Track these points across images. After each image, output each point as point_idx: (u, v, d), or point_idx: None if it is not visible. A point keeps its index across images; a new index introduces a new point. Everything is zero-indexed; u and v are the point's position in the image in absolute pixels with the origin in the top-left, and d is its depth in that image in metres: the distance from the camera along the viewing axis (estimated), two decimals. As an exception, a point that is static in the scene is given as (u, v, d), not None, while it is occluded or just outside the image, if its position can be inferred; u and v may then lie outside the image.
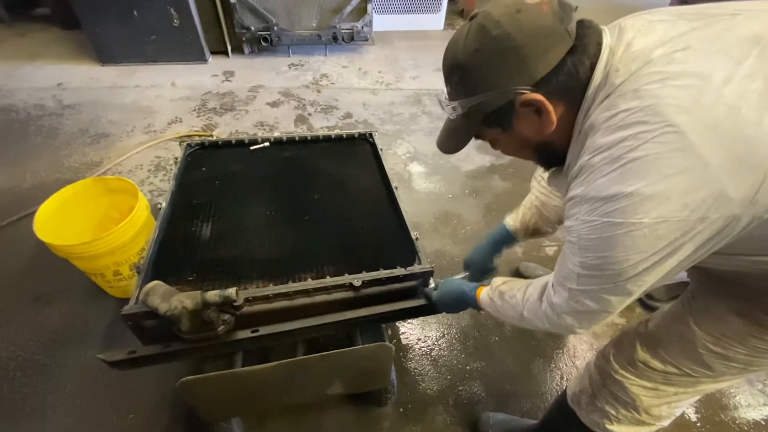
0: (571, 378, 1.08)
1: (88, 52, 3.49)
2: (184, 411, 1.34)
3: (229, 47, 3.62)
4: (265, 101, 3.09)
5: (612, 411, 0.91)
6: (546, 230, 1.16)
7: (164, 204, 1.28)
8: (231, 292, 0.90)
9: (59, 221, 1.53)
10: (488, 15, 0.61)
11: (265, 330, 1.02)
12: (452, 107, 0.69)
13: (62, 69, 3.39)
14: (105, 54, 3.40)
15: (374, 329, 1.23)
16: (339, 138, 1.69)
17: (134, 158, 2.47)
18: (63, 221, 1.55)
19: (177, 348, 0.99)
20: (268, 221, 1.29)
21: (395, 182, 1.42)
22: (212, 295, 0.90)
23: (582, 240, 0.59)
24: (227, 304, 0.92)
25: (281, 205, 1.34)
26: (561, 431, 1.12)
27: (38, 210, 1.45)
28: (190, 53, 3.47)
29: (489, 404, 1.43)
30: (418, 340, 1.61)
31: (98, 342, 1.55)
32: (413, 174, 2.46)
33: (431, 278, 1.16)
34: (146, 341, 1.04)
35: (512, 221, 1.19)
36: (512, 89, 0.61)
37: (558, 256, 0.71)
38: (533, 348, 1.60)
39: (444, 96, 0.72)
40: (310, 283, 1.07)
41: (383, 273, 1.11)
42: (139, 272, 1.07)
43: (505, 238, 1.20)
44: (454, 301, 1.04)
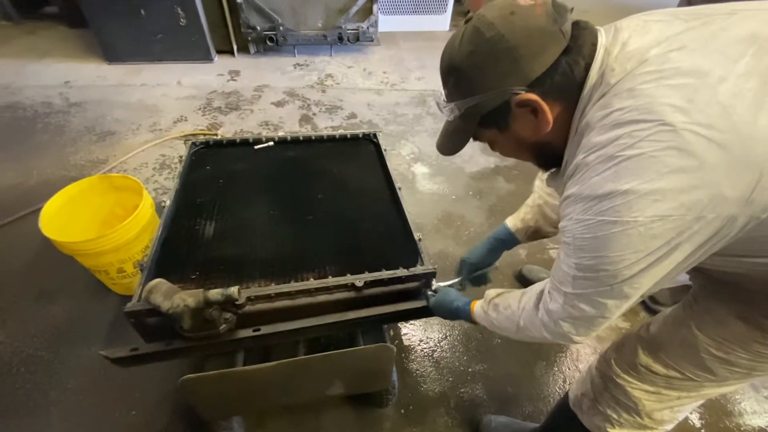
0: (573, 381, 1.07)
1: (96, 51, 3.51)
2: (186, 409, 1.34)
3: (235, 47, 3.64)
4: (270, 101, 3.10)
5: (614, 415, 0.90)
6: (548, 231, 1.15)
7: (168, 202, 1.28)
8: (233, 291, 0.90)
9: (65, 218, 1.54)
10: (482, 17, 0.61)
11: (267, 329, 1.02)
12: (449, 109, 0.69)
13: (69, 67, 3.42)
14: (112, 52, 3.43)
15: (376, 330, 1.22)
16: (343, 138, 1.69)
17: (139, 156, 2.49)
18: (68, 218, 1.56)
19: (179, 346, 0.99)
20: (271, 220, 1.29)
21: (399, 183, 1.41)
22: (214, 294, 0.90)
23: (577, 240, 0.59)
24: (229, 303, 0.92)
25: (284, 205, 1.35)
26: (563, 435, 1.11)
27: (44, 207, 1.46)
28: (196, 52, 3.49)
29: (491, 407, 1.42)
30: (420, 342, 1.61)
31: (101, 339, 1.56)
32: (417, 175, 2.46)
33: (434, 280, 1.16)
34: (148, 339, 1.04)
35: (513, 221, 1.18)
36: (507, 90, 0.61)
37: None
38: (536, 351, 1.59)
39: (442, 98, 0.72)
40: (312, 283, 1.07)
41: (385, 273, 1.10)
42: (143, 270, 1.07)
43: (506, 239, 1.19)
44: (448, 313, 1.04)
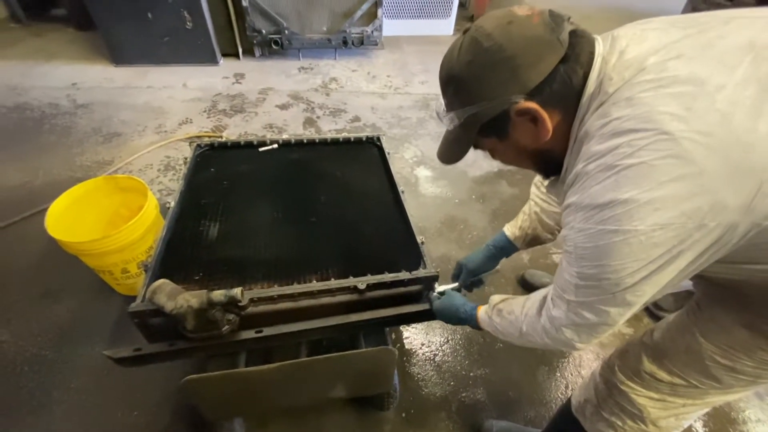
0: (576, 387, 1.07)
1: (103, 53, 3.55)
2: (188, 409, 1.35)
3: (240, 50, 3.66)
4: (275, 104, 3.11)
5: (618, 422, 0.89)
6: (546, 238, 1.15)
7: (173, 203, 1.29)
8: (236, 292, 0.90)
9: (70, 218, 1.55)
10: (480, 28, 0.62)
11: (269, 331, 1.03)
12: (449, 118, 0.70)
13: (77, 69, 3.45)
14: (119, 55, 3.46)
15: (378, 333, 1.22)
16: (347, 141, 1.69)
17: (145, 158, 2.50)
18: (74, 218, 1.57)
19: (182, 346, 1.00)
20: (275, 222, 1.30)
21: (402, 186, 1.42)
22: (217, 295, 0.91)
23: (578, 249, 0.59)
24: (232, 304, 0.93)
25: (288, 207, 1.35)
26: (565, 441, 1.10)
27: (50, 207, 1.47)
28: (202, 55, 3.52)
29: (492, 412, 1.41)
30: (422, 345, 1.61)
31: (104, 339, 1.56)
32: (420, 178, 2.46)
33: (436, 283, 1.16)
34: (152, 339, 1.04)
35: (511, 229, 1.18)
36: (506, 99, 0.62)
37: None
38: (538, 356, 1.58)
39: (441, 108, 0.73)
40: (315, 285, 1.07)
41: (388, 276, 1.11)
42: (147, 270, 1.08)
43: (505, 246, 1.19)
44: (452, 318, 1.03)
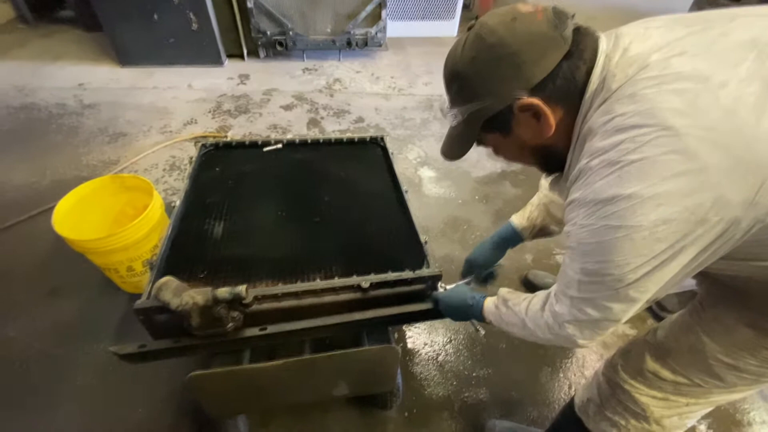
0: (579, 387, 1.07)
1: (109, 54, 3.58)
2: (192, 406, 1.36)
3: (245, 51, 3.69)
4: (279, 104, 3.13)
5: (621, 421, 0.89)
6: (553, 229, 1.15)
7: (178, 202, 1.30)
8: (241, 290, 0.91)
9: (77, 217, 1.57)
10: (484, 24, 0.63)
11: (273, 328, 1.03)
12: (453, 114, 0.71)
13: (83, 70, 3.49)
14: (125, 56, 3.49)
15: (381, 332, 1.23)
16: (351, 141, 1.70)
17: (150, 157, 2.52)
18: (80, 217, 1.59)
19: (186, 343, 1.00)
20: (279, 221, 1.30)
21: (405, 186, 1.42)
22: (222, 292, 0.91)
23: (581, 245, 0.59)
24: (237, 302, 0.93)
25: (292, 206, 1.36)
26: (568, 440, 1.10)
27: (57, 205, 1.49)
28: (207, 56, 3.54)
29: (495, 412, 1.41)
30: (425, 345, 1.61)
31: (110, 336, 1.58)
32: (423, 179, 2.47)
33: (440, 282, 1.16)
34: (157, 336, 1.05)
35: (519, 219, 1.17)
36: (509, 94, 0.62)
37: None
38: (541, 357, 1.58)
39: (446, 104, 0.73)
40: (319, 284, 1.08)
41: (391, 275, 1.11)
42: (152, 268, 1.09)
43: (511, 237, 1.18)
44: (459, 309, 1.02)
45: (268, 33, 3.49)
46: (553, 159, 0.71)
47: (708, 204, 0.48)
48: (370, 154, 1.65)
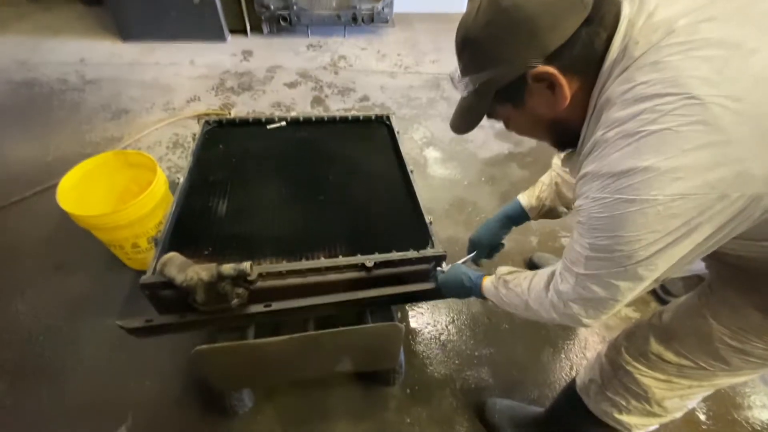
0: (581, 368, 1.07)
1: (110, 29, 3.52)
2: (198, 380, 1.38)
3: (248, 26, 3.60)
4: (283, 82, 3.08)
5: (622, 401, 0.90)
6: (561, 211, 1.13)
7: (182, 179, 1.29)
8: (245, 266, 0.91)
9: (81, 192, 1.57)
10: None
11: (278, 305, 1.04)
12: (464, 84, 0.68)
13: (85, 44, 3.43)
14: (126, 31, 3.42)
15: (384, 311, 1.23)
16: (356, 120, 1.67)
17: (153, 135, 2.50)
18: (85, 192, 1.59)
19: (192, 318, 1.02)
20: (283, 199, 1.30)
21: (411, 166, 1.40)
22: (227, 268, 0.91)
23: (592, 219, 0.57)
24: (241, 278, 0.94)
25: (296, 184, 1.35)
26: (568, 419, 1.11)
27: (61, 180, 1.48)
28: (210, 31, 3.46)
29: (496, 391, 1.43)
30: (428, 325, 1.62)
31: (116, 311, 1.60)
32: (429, 159, 2.44)
33: (444, 263, 1.16)
34: (162, 311, 1.06)
35: (527, 198, 1.15)
36: (524, 62, 0.59)
37: None
38: (543, 337, 1.59)
39: (456, 73, 0.70)
40: (323, 262, 1.08)
41: (396, 255, 1.11)
42: (157, 244, 1.09)
43: (517, 216, 1.17)
44: (458, 289, 1.02)
45: (272, 7, 3.40)
46: (566, 133, 0.68)
47: (730, 179, 0.46)
48: (376, 133, 1.63)
